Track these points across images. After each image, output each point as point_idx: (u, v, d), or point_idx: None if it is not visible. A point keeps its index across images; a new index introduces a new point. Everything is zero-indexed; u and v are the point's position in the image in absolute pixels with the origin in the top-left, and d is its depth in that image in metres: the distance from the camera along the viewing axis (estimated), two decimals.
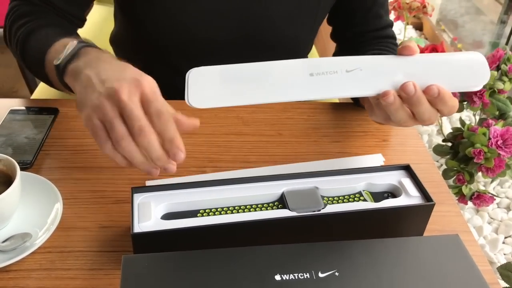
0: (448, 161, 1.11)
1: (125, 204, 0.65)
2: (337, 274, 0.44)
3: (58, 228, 0.60)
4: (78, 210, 0.64)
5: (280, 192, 0.59)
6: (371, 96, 0.61)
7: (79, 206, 0.65)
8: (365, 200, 0.60)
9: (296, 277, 0.43)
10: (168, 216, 0.57)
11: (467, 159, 1.05)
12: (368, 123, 0.82)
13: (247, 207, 0.58)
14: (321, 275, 0.44)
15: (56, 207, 0.62)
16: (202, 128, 0.59)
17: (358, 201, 0.60)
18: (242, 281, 0.43)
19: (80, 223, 0.62)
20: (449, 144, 1.14)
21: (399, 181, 0.61)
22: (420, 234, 0.61)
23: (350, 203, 0.59)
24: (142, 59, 0.79)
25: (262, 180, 0.60)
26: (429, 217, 0.59)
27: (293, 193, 0.59)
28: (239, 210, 0.57)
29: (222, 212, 0.57)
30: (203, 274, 0.44)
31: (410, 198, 0.59)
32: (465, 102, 1.14)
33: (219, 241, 0.55)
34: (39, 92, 1.17)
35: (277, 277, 0.43)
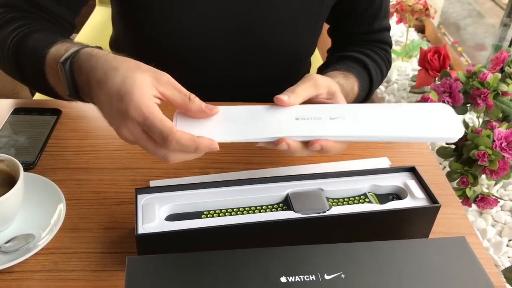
0: (451, 164, 1.10)
1: (128, 205, 0.65)
2: (343, 276, 0.43)
3: (61, 229, 0.60)
4: (82, 211, 0.64)
5: (285, 193, 0.59)
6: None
7: (82, 207, 0.64)
8: (370, 202, 0.60)
9: (302, 279, 0.43)
10: (172, 217, 0.56)
11: (471, 162, 1.04)
12: None
13: (252, 208, 0.58)
14: (327, 277, 0.43)
15: (59, 208, 0.62)
16: None
17: (363, 203, 0.59)
18: (247, 283, 0.43)
19: (83, 224, 0.62)
20: (453, 146, 1.13)
21: (404, 183, 0.61)
22: (425, 236, 0.60)
23: (355, 205, 0.59)
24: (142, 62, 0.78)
25: (267, 181, 0.60)
26: (434, 219, 0.59)
27: (298, 194, 0.59)
28: (244, 212, 0.57)
29: (226, 214, 0.57)
30: (207, 275, 0.43)
31: (416, 200, 0.59)
32: (469, 105, 1.14)
33: (223, 242, 0.54)
34: (40, 94, 1.17)
35: (283, 279, 0.43)
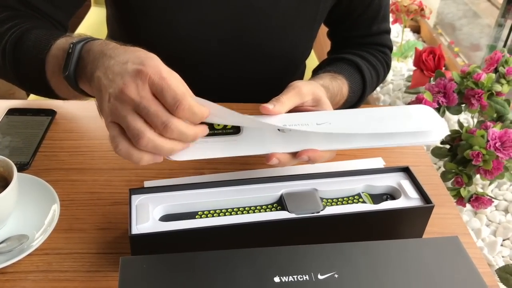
0: (446, 164, 1.10)
1: (122, 206, 0.65)
2: (336, 276, 0.44)
3: (55, 230, 0.60)
4: (76, 211, 0.64)
5: (279, 194, 0.59)
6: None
7: (76, 207, 0.64)
8: (364, 202, 0.60)
9: (296, 279, 0.43)
10: (166, 217, 0.56)
11: (466, 162, 1.05)
12: None
13: (246, 208, 0.58)
14: (321, 277, 0.43)
15: (53, 208, 0.62)
16: None
17: (357, 203, 0.59)
18: (241, 283, 0.43)
19: (77, 225, 0.62)
20: (447, 146, 1.14)
21: (398, 183, 0.61)
22: (419, 236, 0.60)
23: (349, 205, 0.59)
24: None
25: (261, 181, 0.60)
26: (428, 219, 0.59)
27: (292, 195, 0.59)
28: (238, 212, 0.57)
29: (220, 214, 0.57)
30: (201, 276, 0.43)
31: (409, 200, 0.59)
32: (463, 105, 1.14)
33: (217, 243, 0.54)
34: (35, 95, 1.16)
35: (276, 279, 0.43)
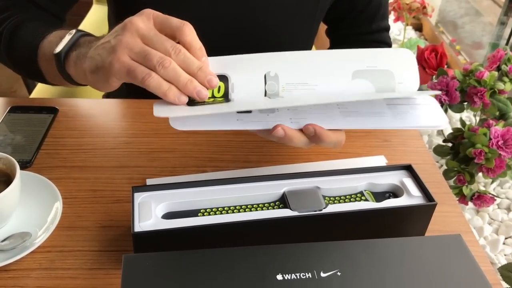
0: (448, 162, 1.10)
1: (125, 204, 0.65)
2: (339, 274, 0.44)
3: (57, 228, 0.60)
4: (78, 209, 0.64)
5: (281, 191, 0.59)
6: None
7: (79, 205, 0.64)
8: (366, 200, 0.60)
9: (298, 277, 0.43)
10: (168, 215, 0.56)
11: (468, 160, 1.05)
12: None
13: (248, 206, 0.58)
14: (323, 275, 0.43)
15: (56, 206, 0.62)
16: None
17: (359, 201, 0.59)
18: (244, 281, 0.43)
19: (80, 223, 0.62)
20: (450, 144, 1.14)
21: (400, 181, 0.61)
22: (421, 234, 0.60)
23: (351, 203, 0.59)
24: None
25: (263, 179, 0.60)
26: (430, 217, 0.59)
27: (294, 193, 0.59)
28: (240, 210, 0.57)
29: (223, 212, 0.57)
30: (204, 273, 0.43)
31: (412, 198, 0.59)
32: (466, 103, 1.14)
33: (220, 240, 0.54)
34: (37, 92, 1.17)
35: (279, 277, 0.43)
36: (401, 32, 2.13)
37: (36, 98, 1.09)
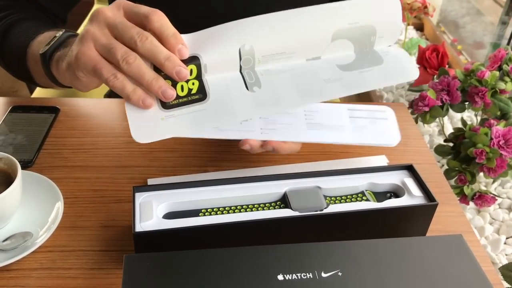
0: (449, 162, 1.10)
1: (126, 203, 0.65)
2: (340, 274, 0.43)
3: (59, 227, 0.60)
4: (79, 209, 0.64)
5: (283, 191, 0.59)
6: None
7: (80, 205, 0.64)
8: (367, 200, 0.60)
9: (299, 277, 0.43)
10: (169, 215, 0.57)
11: (469, 159, 1.05)
12: None
13: (249, 206, 0.58)
14: (324, 275, 0.43)
15: (57, 206, 0.62)
16: None
17: (360, 201, 0.59)
18: (245, 281, 0.43)
19: (81, 222, 0.62)
20: (451, 144, 1.13)
21: (401, 181, 0.61)
22: (423, 234, 0.60)
23: (352, 203, 0.59)
24: None
25: (264, 179, 0.60)
26: (432, 217, 0.59)
27: (296, 192, 0.59)
28: (241, 210, 0.57)
29: (224, 212, 0.57)
30: (205, 273, 0.43)
31: (413, 198, 0.59)
32: (467, 103, 1.14)
33: (221, 240, 0.54)
34: (38, 92, 1.17)
35: (280, 277, 0.43)
36: (403, 31, 2.13)
37: (38, 97, 1.09)
